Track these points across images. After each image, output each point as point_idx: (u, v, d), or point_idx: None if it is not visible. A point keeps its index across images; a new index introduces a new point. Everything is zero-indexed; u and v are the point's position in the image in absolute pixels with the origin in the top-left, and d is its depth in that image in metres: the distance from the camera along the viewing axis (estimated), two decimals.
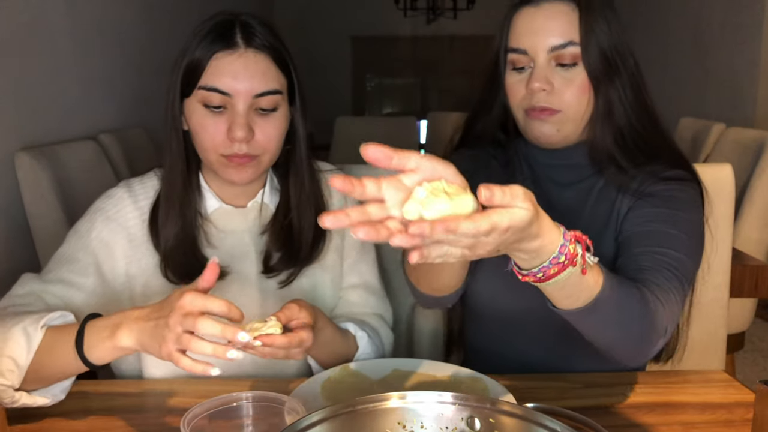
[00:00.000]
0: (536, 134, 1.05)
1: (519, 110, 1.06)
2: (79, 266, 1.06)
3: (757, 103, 3.94)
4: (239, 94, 1.01)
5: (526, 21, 1.03)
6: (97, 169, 2.56)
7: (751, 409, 0.91)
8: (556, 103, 1.02)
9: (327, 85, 7.31)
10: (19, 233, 2.25)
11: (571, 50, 1.01)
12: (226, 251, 1.12)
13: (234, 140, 1.02)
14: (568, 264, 0.72)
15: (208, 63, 1.02)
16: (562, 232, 0.71)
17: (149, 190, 1.12)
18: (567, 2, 1.02)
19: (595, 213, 1.08)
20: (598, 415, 0.93)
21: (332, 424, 0.72)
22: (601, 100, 1.03)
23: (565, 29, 1.01)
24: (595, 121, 1.05)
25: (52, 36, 2.57)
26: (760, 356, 3.15)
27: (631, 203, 1.06)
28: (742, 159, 2.54)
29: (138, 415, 0.95)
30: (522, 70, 1.05)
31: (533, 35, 1.02)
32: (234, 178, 1.06)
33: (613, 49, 1.02)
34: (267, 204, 1.15)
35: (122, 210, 1.10)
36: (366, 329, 1.13)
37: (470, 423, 0.76)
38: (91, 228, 1.09)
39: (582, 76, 1.02)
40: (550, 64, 1.02)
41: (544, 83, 1.01)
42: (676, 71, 4.83)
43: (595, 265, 0.78)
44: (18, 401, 0.87)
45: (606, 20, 1.02)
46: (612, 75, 1.02)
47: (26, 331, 0.88)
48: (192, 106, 1.04)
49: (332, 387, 0.99)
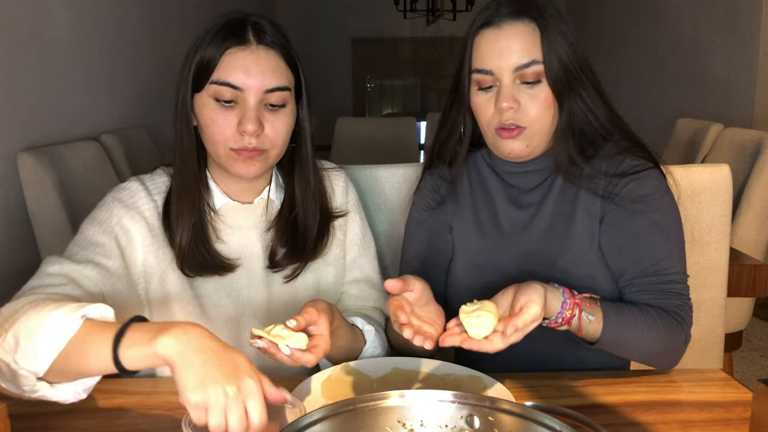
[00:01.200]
0: (506, 151, 1.09)
1: (489, 128, 1.10)
2: (104, 249, 1.04)
3: (754, 103, 3.95)
4: (250, 88, 1.04)
5: (489, 43, 1.06)
6: (99, 170, 2.56)
7: (748, 407, 0.92)
8: (523, 120, 1.06)
9: (328, 86, 7.31)
10: (21, 233, 2.25)
11: (534, 68, 1.04)
12: (233, 246, 1.14)
13: (244, 134, 1.04)
14: (564, 324, 0.96)
15: (221, 58, 1.04)
16: (562, 302, 0.94)
17: (160, 185, 1.14)
18: (527, 22, 1.05)
19: (558, 211, 1.13)
20: (597, 414, 0.93)
21: (332, 423, 0.73)
22: (564, 112, 1.08)
23: (527, 49, 1.04)
24: (558, 132, 1.09)
25: (55, 37, 2.58)
26: (757, 355, 3.16)
27: (604, 209, 1.10)
28: (740, 159, 2.55)
29: (139, 415, 0.95)
30: (489, 89, 1.08)
31: (497, 56, 1.05)
32: (242, 172, 1.07)
33: (573, 62, 1.06)
34: (273, 200, 1.17)
35: (139, 200, 1.11)
36: (373, 324, 1.15)
37: (470, 421, 0.76)
38: (110, 215, 1.08)
39: (546, 92, 1.05)
40: (515, 83, 1.06)
41: (511, 102, 1.05)
42: (673, 72, 4.83)
43: (595, 320, 0.98)
44: (38, 391, 0.82)
45: (563, 35, 1.06)
46: (575, 86, 1.07)
47: (66, 317, 0.81)
48: (203, 100, 1.06)
49: (332, 385, 1.00)
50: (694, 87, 4.60)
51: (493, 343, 0.87)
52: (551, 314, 0.93)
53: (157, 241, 1.10)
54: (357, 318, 1.14)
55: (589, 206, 1.11)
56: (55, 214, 2.20)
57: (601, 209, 1.10)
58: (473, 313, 0.88)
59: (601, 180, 1.10)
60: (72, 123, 2.70)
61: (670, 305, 1.06)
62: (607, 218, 1.10)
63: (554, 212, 1.13)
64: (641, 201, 1.08)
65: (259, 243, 1.15)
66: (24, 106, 2.34)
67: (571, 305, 0.94)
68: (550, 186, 1.14)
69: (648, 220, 1.07)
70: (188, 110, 1.08)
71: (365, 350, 1.13)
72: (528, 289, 0.90)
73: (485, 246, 1.17)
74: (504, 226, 1.16)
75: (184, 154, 1.10)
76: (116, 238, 1.06)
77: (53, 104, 2.56)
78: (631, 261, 1.08)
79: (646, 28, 5.30)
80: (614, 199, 1.09)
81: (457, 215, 1.20)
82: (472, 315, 0.88)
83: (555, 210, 1.13)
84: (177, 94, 1.09)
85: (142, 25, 3.50)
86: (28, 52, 2.38)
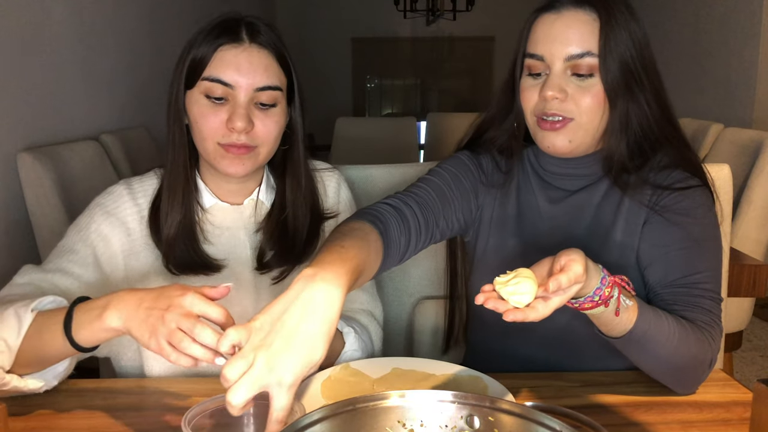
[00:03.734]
0: (547, 144, 1.04)
1: (531, 116, 1.06)
2: (77, 257, 1.08)
3: (754, 103, 3.95)
4: (241, 86, 1.04)
5: (545, 27, 1.02)
6: (98, 169, 2.56)
7: (748, 408, 0.92)
8: (568, 111, 1.01)
9: (327, 85, 7.32)
10: (21, 233, 2.25)
11: (588, 61, 0.99)
12: (221, 247, 1.14)
13: (233, 130, 1.04)
14: (601, 303, 0.86)
15: (213, 55, 1.05)
16: (601, 277, 0.85)
17: (148, 188, 1.15)
18: (589, 12, 1.00)
19: (600, 215, 1.09)
20: (597, 414, 0.93)
21: (332, 423, 0.73)
22: (617, 114, 1.02)
23: (583, 39, 0.99)
24: (609, 134, 1.04)
25: (55, 37, 2.58)
26: (757, 355, 3.16)
27: (647, 216, 1.06)
28: (740, 159, 2.55)
29: (139, 414, 0.95)
30: (538, 77, 1.04)
31: (551, 42, 1.01)
32: (230, 171, 1.07)
33: (635, 62, 1.00)
34: (262, 202, 1.17)
35: (121, 206, 1.12)
36: (353, 325, 1.13)
37: (470, 421, 0.76)
38: (90, 222, 1.11)
39: (598, 88, 1.00)
40: (565, 73, 1.01)
41: (557, 91, 1.00)
42: (674, 71, 4.83)
43: (632, 306, 0.90)
44: (9, 384, 0.87)
45: (629, 32, 1.00)
46: (632, 89, 1.01)
47: (17, 313, 0.88)
48: (194, 97, 1.07)
49: (332, 386, 1.00)
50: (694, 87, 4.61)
51: (537, 309, 0.79)
52: (590, 289, 0.84)
53: (138, 246, 1.12)
54: None
55: (632, 217, 1.06)
56: (55, 214, 2.20)
57: (644, 219, 1.06)
58: (510, 282, 0.81)
59: (648, 190, 1.05)
60: (72, 123, 2.70)
61: (698, 320, 0.99)
62: (647, 227, 1.06)
63: (594, 222, 1.09)
64: (683, 213, 1.03)
65: (248, 244, 1.15)
66: (24, 106, 2.34)
67: (611, 282, 0.86)
68: (593, 192, 1.10)
69: (685, 232, 1.03)
70: (180, 107, 1.09)
71: (344, 353, 1.11)
72: (569, 251, 0.82)
73: (521, 247, 1.13)
74: (541, 229, 1.12)
75: (175, 152, 1.10)
76: (93, 246, 1.09)
77: (53, 104, 2.56)
78: (662, 270, 1.03)
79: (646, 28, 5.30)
80: (657, 209, 1.05)
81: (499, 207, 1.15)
82: (509, 284, 0.81)
83: (595, 220, 1.09)
84: (170, 92, 1.09)
85: (142, 25, 3.50)
86: (28, 52, 2.38)
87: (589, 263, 0.83)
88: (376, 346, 1.19)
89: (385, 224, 0.98)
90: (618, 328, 0.91)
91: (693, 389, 1.01)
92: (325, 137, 4.53)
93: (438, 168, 1.15)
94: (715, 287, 1.03)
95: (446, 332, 1.31)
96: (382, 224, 0.97)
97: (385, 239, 0.96)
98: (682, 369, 0.98)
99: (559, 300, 0.80)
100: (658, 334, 0.93)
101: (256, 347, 0.70)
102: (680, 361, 0.96)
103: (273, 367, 0.69)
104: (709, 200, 1.07)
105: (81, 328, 0.84)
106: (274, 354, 0.70)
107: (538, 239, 1.12)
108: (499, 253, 1.14)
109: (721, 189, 1.40)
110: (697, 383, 1.01)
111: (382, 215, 1.00)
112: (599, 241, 1.08)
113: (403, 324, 1.48)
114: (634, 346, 0.94)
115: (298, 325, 0.72)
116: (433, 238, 1.09)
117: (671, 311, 1.00)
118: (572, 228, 1.10)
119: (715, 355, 1.00)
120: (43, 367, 0.91)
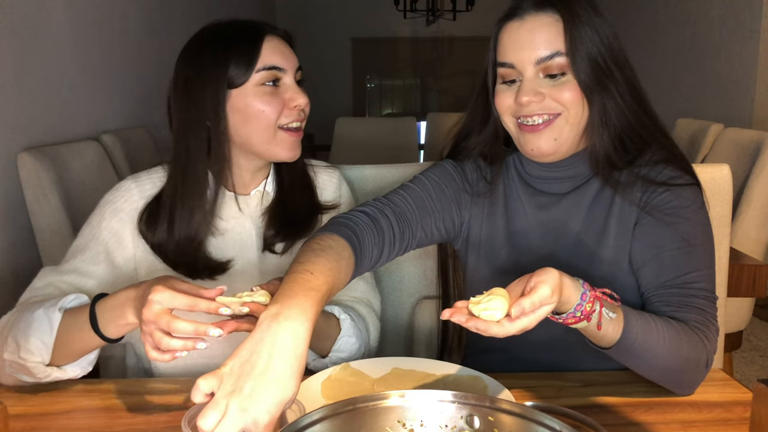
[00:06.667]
0: (531, 147, 1.04)
1: (511, 121, 1.06)
2: (90, 255, 1.13)
3: (754, 103, 3.95)
4: (289, 68, 1.13)
5: (511, 35, 1.04)
6: (99, 170, 2.57)
7: (748, 408, 0.92)
8: (552, 108, 1.02)
9: (327, 85, 7.32)
10: (21, 233, 2.25)
11: (558, 60, 1.00)
12: (229, 237, 1.17)
13: (296, 108, 1.12)
14: (583, 318, 0.87)
15: (262, 46, 1.10)
16: (581, 293, 0.86)
17: (156, 180, 1.17)
18: (551, 14, 1.02)
19: (591, 218, 1.09)
20: (597, 414, 0.93)
21: (333, 423, 0.73)
22: (595, 108, 1.02)
23: (549, 40, 1.01)
24: (591, 130, 1.05)
25: (55, 37, 2.58)
26: (757, 355, 3.16)
27: (638, 217, 1.06)
28: (740, 159, 2.55)
29: (139, 414, 0.95)
30: (512, 83, 1.05)
31: (519, 49, 1.02)
32: (285, 155, 1.13)
33: (604, 56, 1.02)
34: (268, 192, 1.21)
35: (129, 200, 1.16)
36: (350, 312, 1.15)
37: (470, 421, 0.76)
38: (101, 219, 1.15)
39: (572, 84, 1.01)
40: (538, 76, 1.02)
41: (532, 96, 1.01)
42: (674, 72, 4.83)
43: (616, 318, 0.91)
44: (50, 375, 0.97)
45: (593, 28, 1.01)
46: (605, 82, 1.02)
47: (47, 313, 0.97)
48: (247, 91, 1.10)
49: (332, 386, 1.00)
50: (694, 87, 4.61)
51: (503, 326, 0.80)
52: (570, 306, 0.86)
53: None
54: (335, 307, 1.15)
55: (624, 218, 1.07)
56: (55, 214, 2.20)
57: (635, 219, 1.06)
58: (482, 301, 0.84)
59: (638, 187, 1.06)
60: (72, 123, 2.70)
61: (692, 320, 0.99)
62: (638, 228, 1.06)
63: (585, 225, 1.09)
64: (673, 213, 1.04)
65: (254, 231, 1.19)
66: (24, 106, 2.34)
67: (592, 298, 0.87)
68: (582, 194, 1.09)
69: (676, 233, 1.03)
70: (211, 109, 1.09)
71: (339, 338, 1.12)
72: (541, 272, 0.84)
73: (513, 257, 1.12)
74: (531, 238, 1.12)
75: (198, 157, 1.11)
76: (105, 243, 1.14)
77: (53, 104, 2.56)
78: (654, 272, 1.04)
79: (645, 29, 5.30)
80: (648, 209, 1.05)
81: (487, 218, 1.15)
82: (482, 302, 0.83)
83: (586, 223, 1.09)
84: (200, 95, 1.09)
85: (143, 25, 3.50)
86: (28, 52, 2.38)
87: (567, 281, 0.85)
88: (372, 336, 1.20)
89: (360, 238, 0.98)
90: (605, 340, 0.93)
91: (691, 390, 1.01)
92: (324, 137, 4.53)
93: (421, 176, 1.15)
94: (708, 286, 1.03)
95: (440, 343, 1.32)
96: (357, 238, 0.98)
97: (358, 254, 0.97)
98: (676, 372, 0.98)
99: (528, 320, 0.81)
100: (647, 342, 0.94)
101: (227, 394, 0.71)
102: (674, 365, 0.97)
103: (246, 409, 0.70)
104: (700, 198, 1.07)
105: (107, 325, 0.93)
106: (246, 398, 0.70)
107: (530, 247, 1.12)
108: (491, 265, 1.14)
109: (720, 189, 1.41)
110: (694, 384, 1.01)
111: (358, 227, 1.00)
112: (592, 245, 1.08)
113: (403, 324, 1.48)
114: (625, 354, 0.95)
115: (267, 366, 0.72)
116: (408, 247, 1.09)
117: (665, 312, 1.00)
118: (563, 233, 1.10)
119: (711, 355, 1.00)
120: (78, 357, 0.99)
